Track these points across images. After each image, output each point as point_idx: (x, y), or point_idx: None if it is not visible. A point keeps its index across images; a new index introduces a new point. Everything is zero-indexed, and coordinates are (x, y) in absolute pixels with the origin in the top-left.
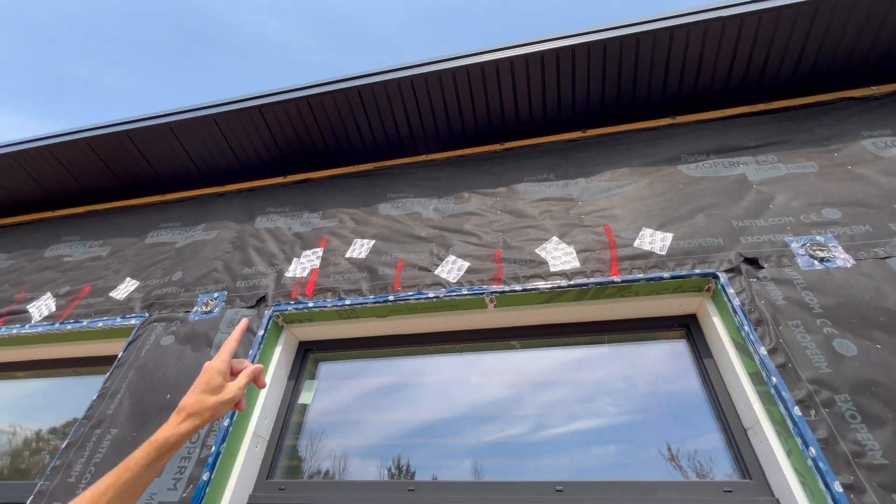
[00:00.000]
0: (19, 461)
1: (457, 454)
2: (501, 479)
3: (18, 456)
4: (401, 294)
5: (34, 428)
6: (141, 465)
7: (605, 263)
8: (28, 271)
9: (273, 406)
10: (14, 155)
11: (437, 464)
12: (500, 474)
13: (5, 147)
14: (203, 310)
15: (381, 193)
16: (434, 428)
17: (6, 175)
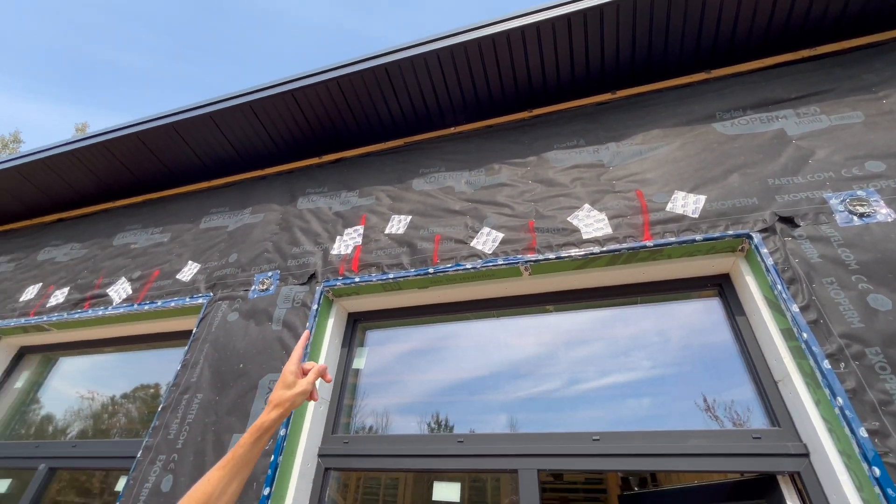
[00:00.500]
0: (100, 422)
1: (494, 409)
2: (540, 430)
3: (98, 418)
4: (440, 266)
5: (109, 394)
6: (248, 443)
7: (638, 228)
8: (101, 259)
9: (331, 371)
10: (74, 152)
11: (477, 418)
12: (536, 428)
13: (66, 145)
14: (260, 288)
15: (413, 169)
16: (472, 386)
17: (69, 171)
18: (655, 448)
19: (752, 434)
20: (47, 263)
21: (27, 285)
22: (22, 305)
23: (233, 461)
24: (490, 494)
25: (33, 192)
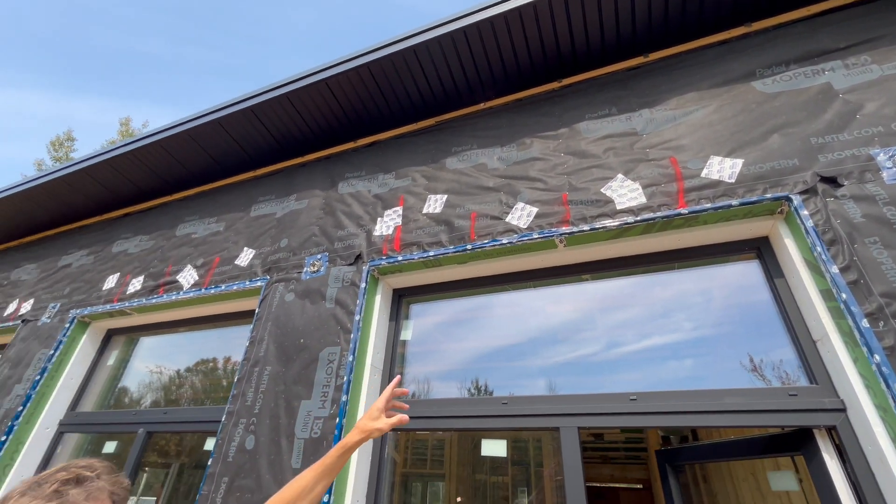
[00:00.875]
0: (170, 393)
1: (533, 374)
2: (579, 392)
3: (167, 389)
4: (477, 243)
5: (183, 367)
6: (335, 456)
7: (672, 196)
8: (167, 249)
9: (381, 344)
10: (134, 152)
11: (516, 383)
12: (575, 391)
13: (126, 145)
14: (311, 270)
15: (445, 148)
16: (510, 352)
17: (130, 169)
18: (691, 406)
19: (788, 391)
20: (121, 255)
21: (107, 275)
22: (106, 293)
23: (322, 467)
24: (532, 454)
25: (100, 191)
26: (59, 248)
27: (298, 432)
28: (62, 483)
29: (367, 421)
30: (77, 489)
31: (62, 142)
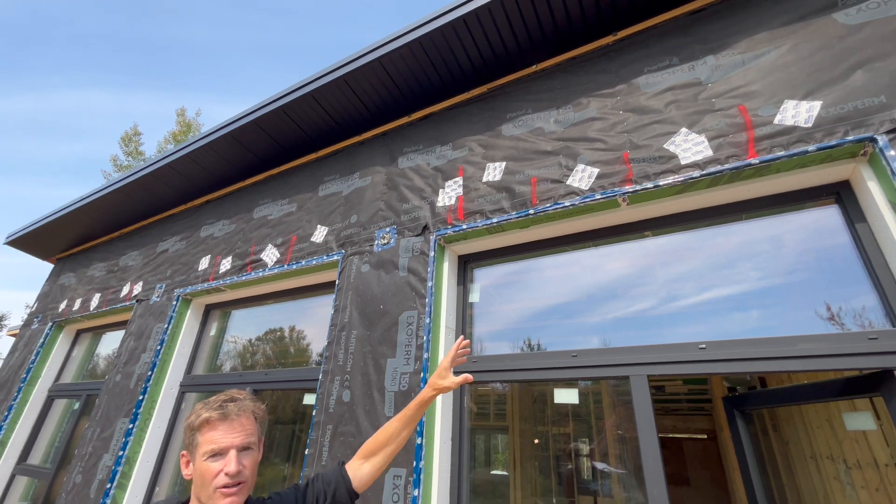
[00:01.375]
0: (245, 361)
1: (596, 329)
2: (649, 343)
3: (242, 357)
4: (539, 207)
5: (246, 337)
6: (414, 409)
7: (741, 147)
8: (248, 230)
9: (452, 306)
10: (210, 144)
11: (580, 338)
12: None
13: (202, 139)
14: (382, 242)
15: (500, 115)
16: (572, 309)
17: (206, 160)
18: (764, 352)
19: (867, 335)
20: (209, 238)
21: (200, 257)
22: (202, 273)
23: (405, 417)
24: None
25: (182, 181)
26: (154, 235)
27: (388, 386)
28: (223, 401)
29: (436, 379)
30: (232, 404)
31: (130, 137)
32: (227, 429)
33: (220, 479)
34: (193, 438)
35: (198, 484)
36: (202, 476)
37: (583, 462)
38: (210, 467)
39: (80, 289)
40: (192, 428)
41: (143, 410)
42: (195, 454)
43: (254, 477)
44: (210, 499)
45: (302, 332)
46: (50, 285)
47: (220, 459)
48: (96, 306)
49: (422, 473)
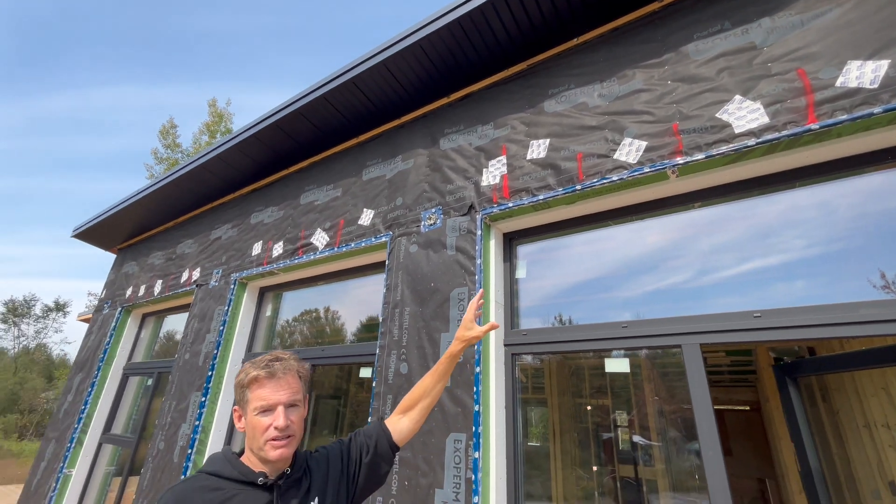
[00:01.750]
0: (317, 335)
1: (640, 301)
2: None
3: (315, 332)
4: (586, 182)
5: (286, 317)
6: (445, 363)
7: (800, 112)
8: (297, 216)
9: (500, 282)
10: (256, 134)
11: (625, 309)
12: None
13: (249, 129)
14: (429, 223)
15: (541, 92)
16: (616, 282)
17: (252, 149)
18: (822, 319)
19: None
20: (259, 225)
21: (252, 243)
22: (255, 258)
23: (437, 372)
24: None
25: (230, 171)
26: (207, 224)
27: None
28: (269, 360)
29: (463, 332)
30: (278, 363)
31: (168, 130)
32: (275, 386)
33: (270, 432)
34: (244, 395)
35: (250, 436)
36: (253, 429)
37: (621, 433)
38: (260, 421)
39: (142, 276)
40: (241, 385)
41: (213, 385)
42: (246, 409)
43: (301, 431)
44: (261, 450)
45: (337, 312)
46: (115, 274)
47: (269, 414)
48: (159, 292)
49: (480, 438)
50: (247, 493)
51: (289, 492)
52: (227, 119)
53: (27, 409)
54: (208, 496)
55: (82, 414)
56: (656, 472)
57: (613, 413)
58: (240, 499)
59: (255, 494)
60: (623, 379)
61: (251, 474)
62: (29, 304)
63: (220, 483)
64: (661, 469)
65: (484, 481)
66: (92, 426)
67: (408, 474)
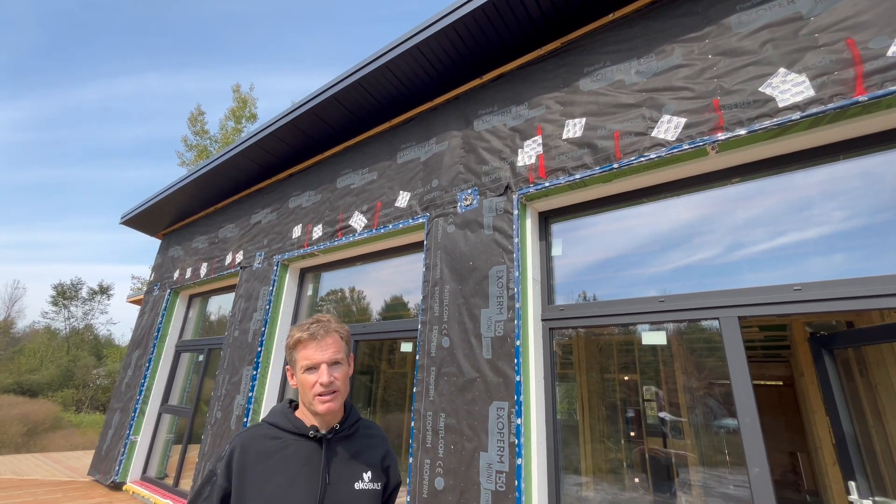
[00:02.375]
0: (356, 312)
1: (673, 276)
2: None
3: (355, 309)
4: (623, 161)
5: (350, 293)
6: None
7: (848, 84)
8: (334, 199)
9: (536, 260)
10: (293, 121)
11: (661, 283)
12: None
13: (284, 117)
14: (465, 203)
15: (576, 70)
16: (651, 258)
17: (288, 136)
18: (864, 291)
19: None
20: (297, 209)
21: (292, 226)
22: (296, 241)
23: None
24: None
25: (266, 156)
26: (246, 209)
27: (484, 333)
28: (311, 324)
29: None
30: (318, 326)
31: (196, 117)
32: (317, 347)
33: (317, 388)
34: (292, 356)
35: (301, 393)
36: (303, 386)
37: (650, 406)
38: (308, 379)
39: (188, 259)
40: (289, 347)
41: (262, 360)
42: (295, 368)
43: (346, 387)
44: (311, 404)
45: (362, 292)
46: (162, 258)
47: (314, 372)
48: (205, 274)
49: (522, 406)
50: (300, 444)
51: (337, 446)
52: (252, 104)
53: (81, 384)
54: (268, 443)
55: (142, 387)
56: (685, 445)
57: (642, 387)
58: (293, 448)
59: (307, 445)
60: (651, 355)
61: (303, 427)
62: (76, 288)
63: (279, 433)
64: (690, 443)
65: (526, 445)
66: (152, 398)
67: (453, 439)
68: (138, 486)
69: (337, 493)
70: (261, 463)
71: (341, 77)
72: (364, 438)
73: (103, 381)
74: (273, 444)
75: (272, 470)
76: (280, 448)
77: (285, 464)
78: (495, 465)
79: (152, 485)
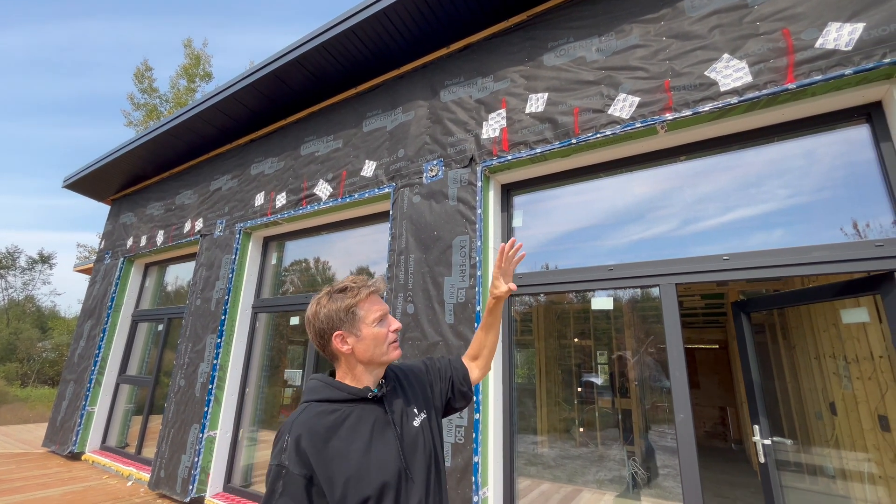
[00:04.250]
0: (320, 280)
1: (626, 248)
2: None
3: (318, 277)
4: (581, 136)
5: (315, 262)
6: (486, 315)
7: (780, 72)
8: (298, 167)
9: (498, 230)
10: (254, 83)
11: (612, 255)
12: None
13: (245, 79)
14: (430, 174)
15: (541, 45)
16: (603, 230)
17: (249, 99)
18: (780, 261)
19: (874, 243)
20: (260, 176)
21: (254, 194)
22: (259, 209)
23: (484, 325)
24: (613, 323)
25: (227, 120)
26: (206, 174)
27: (447, 299)
28: (362, 282)
29: (491, 289)
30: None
31: (143, 73)
32: (376, 300)
33: (390, 336)
34: (353, 315)
35: (370, 347)
36: (376, 339)
37: (601, 369)
38: (380, 331)
39: (142, 227)
40: (347, 308)
41: (227, 328)
42: (359, 326)
43: None
44: (384, 354)
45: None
46: (112, 224)
47: (384, 323)
48: (162, 242)
49: None
50: (361, 408)
51: (393, 401)
52: (206, 61)
53: (25, 357)
54: (330, 418)
55: (97, 357)
56: (631, 402)
57: (596, 353)
58: (356, 414)
59: (365, 407)
60: (605, 322)
61: (359, 391)
62: (13, 257)
63: (334, 406)
64: (636, 401)
65: (483, 402)
66: (108, 369)
67: None
68: (98, 455)
69: (409, 439)
70: (332, 438)
71: (305, 39)
72: (400, 380)
73: (49, 355)
74: (334, 417)
75: (346, 441)
76: (343, 419)
77: (355, 431)
78: (454, 420)
79: (113, 453)
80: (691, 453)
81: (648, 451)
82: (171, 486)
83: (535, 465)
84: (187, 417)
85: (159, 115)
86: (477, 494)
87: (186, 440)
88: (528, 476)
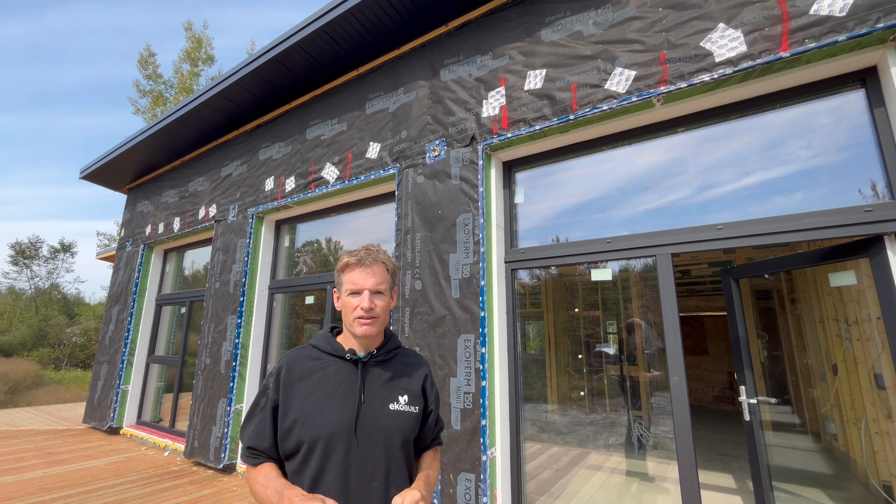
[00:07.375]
0: (332, 261)
1: (627, 220)
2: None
3: (329, 257)
4: (578, 112)
5: (326, 243)
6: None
7: (775, 40)
8: (304, 151)
9: (500, 207)
10: (257, 69)
11: (614, 226)
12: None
13: (249, 64)
14: (433, 154)
15: (538, 20)
16: (605, 203)
17: (254, 84)
18: (772, 228)
19: (864, 208)
20: (268, 161)
21: (264, 179)
22: (269, 194)
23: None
24: (621, 293)
25: (232, 107)
26: (215, 161)
27: (453, 275)
28: (360, 251)
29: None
30: (365, 253)
31: (146, 59)
32: (362, 273)
33: (358, 311)
34: (339, 279)
35: (344, 314)
36: (345, 308)
37: (610, 339)
38: (351, 301)
39: (158, 214)
40: (337, 271)
41: (245, 309)
42: (341, 291)
43: (386, 317)
44: (351, 326)
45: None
46: (130, 213)
47: (357, 297)
48: (179, 228)
49: (486, 337)
50: (338, 365)
51: (373, 369)
52: (208, 44)
53: (56, 342)
54: (310, 363)
55: (127, 339)
56: (638, 370)
57: (604, 324)
58: (332, 368)
59: (345, 366)
60: (614, 292)
61: (341, 350)
62: (35, 247)
63: (320, 354)
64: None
65: (490, 370)
66: (138, 350)
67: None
68: (135, 430)
69: (372, 411)
70: (303, 380)
71: (305, 22)
72: (402, 365)
73: (79, 339)
74: (314, 364)
75: (312, 387)
76: (321, 368)
77: (324, 382)
78: (463, 387)
79: (149, 427)
80: (685, 412)
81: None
82: (205, 454)
83: (546, 433)
84: (215, 392)
85: (165, 101)
86: (485, 454)
87: (216, 413)
88: (540, 441)
